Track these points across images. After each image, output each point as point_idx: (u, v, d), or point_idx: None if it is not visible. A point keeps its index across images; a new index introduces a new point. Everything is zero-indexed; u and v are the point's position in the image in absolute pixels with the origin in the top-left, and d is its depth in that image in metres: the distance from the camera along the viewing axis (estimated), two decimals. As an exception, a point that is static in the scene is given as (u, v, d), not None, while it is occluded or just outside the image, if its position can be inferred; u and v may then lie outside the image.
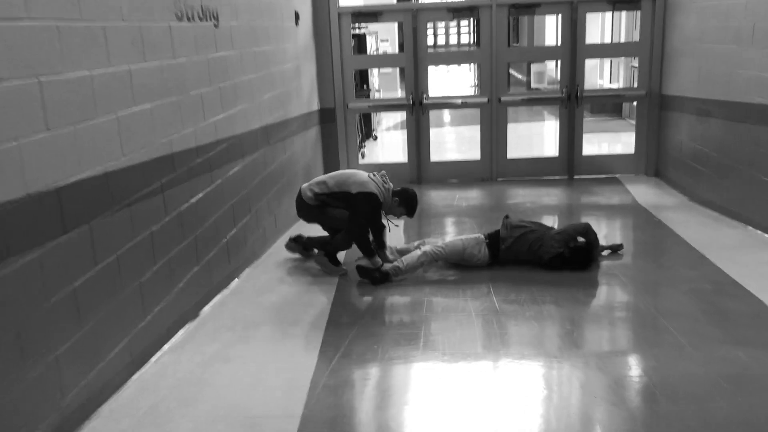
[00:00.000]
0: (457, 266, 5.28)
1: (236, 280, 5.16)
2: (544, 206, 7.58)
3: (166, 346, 4.02)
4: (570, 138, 8.70)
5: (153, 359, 3.86)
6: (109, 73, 3.50)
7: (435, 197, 8.18)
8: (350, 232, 5.22)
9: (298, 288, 5.06)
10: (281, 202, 6.46)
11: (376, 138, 12.68)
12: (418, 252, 5.23)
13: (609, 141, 11.88)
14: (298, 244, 5.71)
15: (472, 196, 8.15)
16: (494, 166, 8.84)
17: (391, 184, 5.33)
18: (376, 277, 5.14)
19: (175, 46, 4.21)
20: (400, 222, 6.11)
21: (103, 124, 3.44)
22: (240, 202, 5.30)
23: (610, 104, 13.21)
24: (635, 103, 12.81)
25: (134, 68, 3.73)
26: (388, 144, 12.78)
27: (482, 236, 5.32)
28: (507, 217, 5.53)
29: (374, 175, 5.33)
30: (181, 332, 4.21)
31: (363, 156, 10.93)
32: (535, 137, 12.96)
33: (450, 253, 5.22)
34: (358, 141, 10.87)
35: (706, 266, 5.19)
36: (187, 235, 4.34)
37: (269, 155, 6.14)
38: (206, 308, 4.57)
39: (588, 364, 3.70)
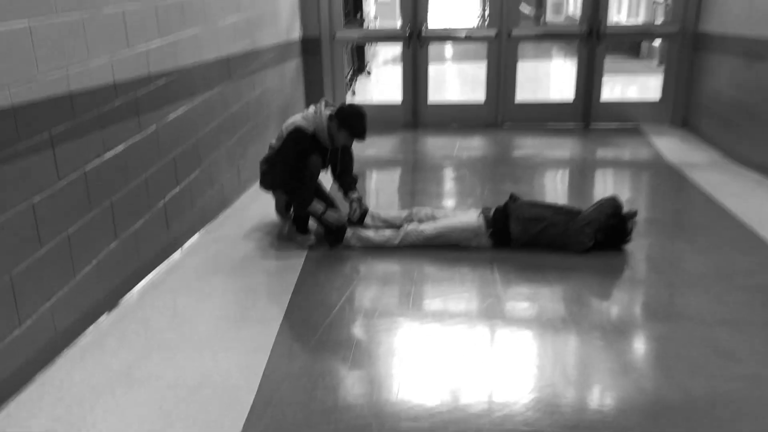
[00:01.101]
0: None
1: (177, 252, 4.07)
2: (555, 160, 6.44)
3: (59, 359, 2.95)
4: (588, 80, 7.48)
5: (33, 382, 2.81)
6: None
7: (431, 145, 7.02)
8: (281, 184, 4.19)
9: (256, 264, 3.97)
10: (246, 151, 5.31)
11: (369, 73, 11.38)
12: (394, 232, 4.17)
13: (629, 84, 10.62)
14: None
15: (475, 145, 6.99)
16: (500, 111, 7.64)
17: (327, 110, 4.16)
18: (330, 239, 4.18)
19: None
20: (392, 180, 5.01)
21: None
22: (185, 154, 4.15)
23: (627, 43, 11.86)
24: (659, 42, 11.54)
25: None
26: (384, 80, 11.50)
27: (482, 221, 4.14)
28: (514, 198, 4.32)
29: (310, 107, 4.23)
30: (84, 336, 3.12)
31: (353, 94, 9.70)
32: (543, 78, 11.67)
33: (436, 241, 4.16)
34: (348, 76, 9.63)
35: (765, 251, 4.10)
36: (98, 201, 3.22)
37: (230, 94, 4.95)
38: (129, 296, 3.48)
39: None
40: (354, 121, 4.05)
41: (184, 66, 4.14)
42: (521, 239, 4.09)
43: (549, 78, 11.85)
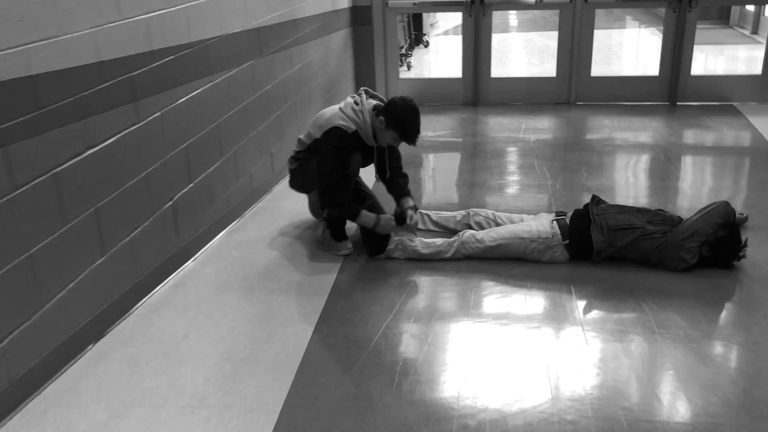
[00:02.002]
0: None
1: (191, 261, 3.41)
2: (637, 145, 5.50)
3: (8, 421, 2.31)
4: (676, 52, 6.45)
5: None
6: None
7: (494, 126, 6.17)
8: (320, 195, 3.41)
9: (279, 278, 3.27)
10: (282, 135, 4.61)
11: (427, 44, 10.47)
12: (446, 241, 3.40)
13: (717, 56, 9.44)
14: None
15: (543, 126, 6.10)
16: (573, 86, 6.70)
17: (371, 102, 3.39)
18: (370, 249, 3.46)
19: None
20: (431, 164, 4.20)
21: None
22: (201, 143, 3.47)
23: (715, 9, 10.59)
24: (752, 7, 10.24)
25: None
26: (444, 53, 10.59)
27: (556, 228, 3.33)
28: (596, 201, 3.47)
29: (349, 98, 3.43)
30: (52, 384, 2.50)
31: (409, 68, 8.86)
32: (614, 47, 10.52)
33: (498, 253, 3.37)
34: (404, 48, 8.80)
35: None
36: (75, 208, 2.56)
37: (261, 70, 4.23)
38: (120, 325, 2.83)
39: None
40: (405, 120, 3.25)
41: (199, 40, 3.44)
42: (605, 253, 3.27)
43: (622, 49, 10.70)
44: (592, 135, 5.86)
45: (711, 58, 9.25)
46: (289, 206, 4.09)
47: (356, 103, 3.35)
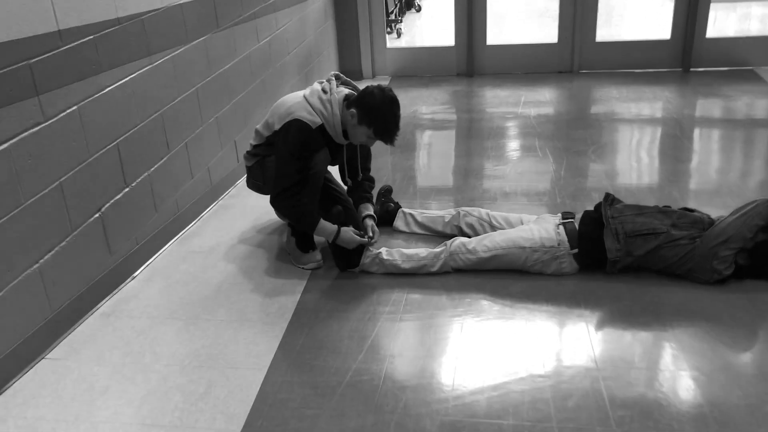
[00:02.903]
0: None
1: (127, 283, 2.83)
2: (648, 119, 4.89)
3: None
4: (690, 12, 5.78)
5: None
6: None
7: (490, 100, 5.53)
8: (271, 198, 2.78)
9: (231, 301, 2.71)
10: (250, 118, 4.00)
11: (419, 9, 9.74)
12: (431, 252, 2.81)
13: (729, 13, 8.71)
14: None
15: (545, 98, 5.47)
16: (576, 53, 6.05)
17: (342, 90, 2.76)
18: (342, 263, 2.86)
19: None
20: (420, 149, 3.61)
21: None
22: (137, 139, 2.87)
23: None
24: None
25: None
26: (437, 18, 9.84)
27: (563, 234, 2.73)
28: (610, 201, 2.84)
29: (316, 85, 2.79)
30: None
31: (399, 35, 8.16)
32: (620, 9, 9.78)
33: (494, 265, 2.79)
34: (393, 14, 8.10)
35: None
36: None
37: (219, 47, 3.61)
38: (21, 380, 2.25)
39: None
40: (381, 115, 2.63)
41: (130, 15, 2.81)
42: (621, 263, 2.69)
43: (630, 11, 9.94)
44: (598, 108, 5.24)
45: (723, 17, 8.53)
46: (255, 202, 3.49)
47: (324, 91, 2.73)
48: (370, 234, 2.84)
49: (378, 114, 2.61)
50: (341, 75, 2.85)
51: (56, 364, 2.29)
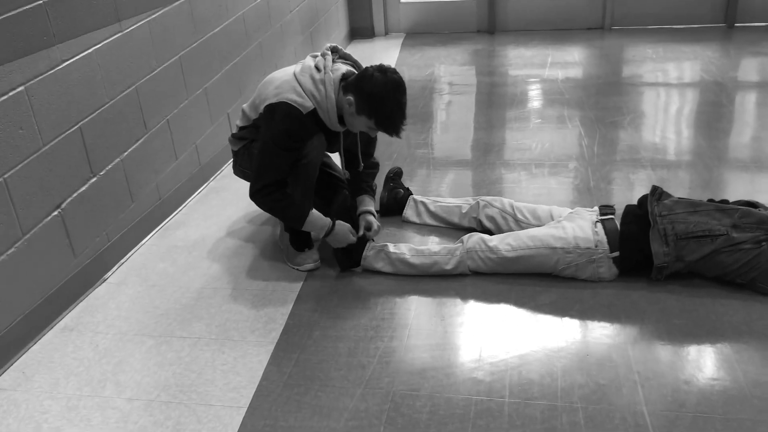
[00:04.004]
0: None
1: (97, 288, 2.46)
2: (685, 84, 4.37)
3: None
4: (737, -39, 5.16)
5: None
6: None
7: (513, 60, 5.01)
8: (252, 192, 2.33)
9: (211, 312, 2.32)
10: (245, 87, 3.55)
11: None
12: (446, 247, 2.39)
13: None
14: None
15: (573, 59, 4.93)
16: (608, 7, 5.47)
17: (339, 67, 2.29)
18: (343, 261, 2.46)
19: None
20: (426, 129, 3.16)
21: None
22: (105, 119, 2.44)
23: None
24: None
25: None
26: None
27: (602, 233, 2.29)
28: (658, 195, 2.35)
29: (308, 60, 2.33)
30: None
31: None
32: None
33: (518, 267, 2.36)
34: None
35: None
36: None
37: (206, 7, 3.14)
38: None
39: None
40: (384, 103, 2.17)
41: (94, -30, 2.36)
42: (670, 269, 2.26)
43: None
44: (632, 70, 4.69)
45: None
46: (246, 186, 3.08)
47: (317, 69, 2.27)
48: (362, 233, 2.43)
49: (380, 102, 2.16)
50: (339, 48, 2.39)
51: (1, 397, 1.92)
